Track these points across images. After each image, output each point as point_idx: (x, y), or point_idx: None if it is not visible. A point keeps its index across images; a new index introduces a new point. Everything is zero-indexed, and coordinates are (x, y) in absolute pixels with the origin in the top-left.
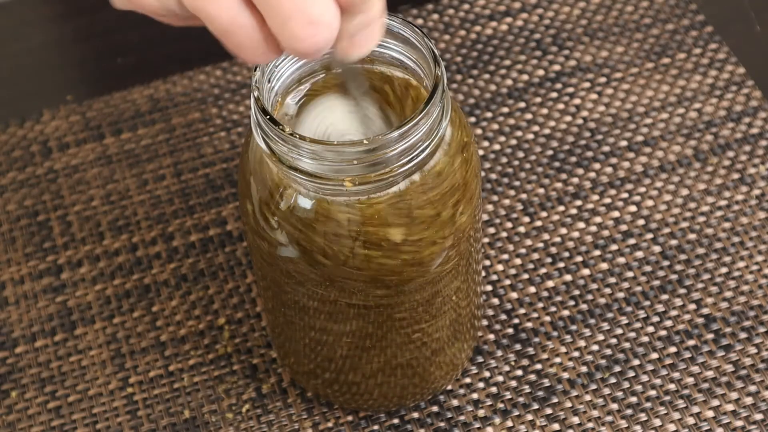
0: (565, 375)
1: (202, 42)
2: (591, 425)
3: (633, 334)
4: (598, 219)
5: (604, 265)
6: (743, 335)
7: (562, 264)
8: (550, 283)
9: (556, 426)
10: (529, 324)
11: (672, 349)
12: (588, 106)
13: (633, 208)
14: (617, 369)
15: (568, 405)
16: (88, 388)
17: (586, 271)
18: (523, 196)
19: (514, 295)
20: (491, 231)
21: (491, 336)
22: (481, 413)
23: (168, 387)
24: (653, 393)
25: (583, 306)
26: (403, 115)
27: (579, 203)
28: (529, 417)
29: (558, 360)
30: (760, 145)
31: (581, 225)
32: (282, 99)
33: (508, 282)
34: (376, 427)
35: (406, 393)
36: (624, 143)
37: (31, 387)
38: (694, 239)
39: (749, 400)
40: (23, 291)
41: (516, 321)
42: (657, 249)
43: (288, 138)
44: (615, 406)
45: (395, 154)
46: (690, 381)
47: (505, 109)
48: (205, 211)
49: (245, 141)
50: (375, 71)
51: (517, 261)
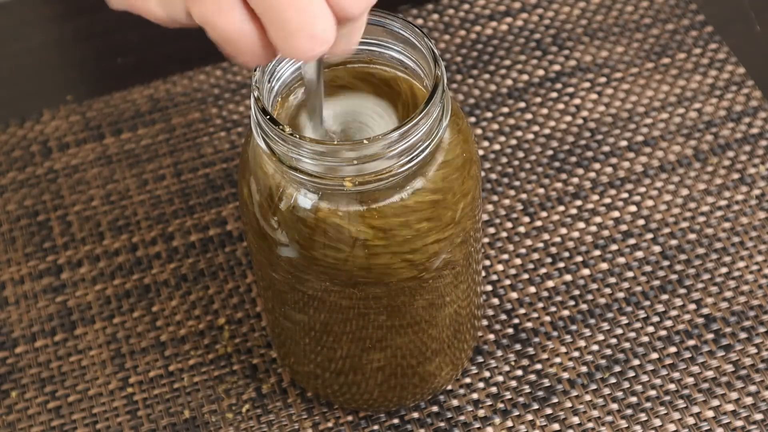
0: (565, 375)
1: (202, 42)
2: (591, 425)
3: (633, 334)
4: (598, 219)
5: (604, 265)
6: (743, 335)
7: (562, 264)
8: (550, 283)
9: (556, 426)
10: (529, 324)
11: (672, 349)
12: (588, 106)
13: (633, 208)
14: (617, 369)
15: (568, 405)
16: (88, 388)
17: (586, 271)
18: (523, 196)
19: (514, 295)
20: (491, 231)
21: (491, 336)
22: (481, 413)
23: (168, 387)
24: (653, 393)
25: (583, 306)
26: (403, 115)
27: (579, 203)
28: (529, 417)
29: (558, 360)
30: (760, 145)
31: (581, 225)
32: (282, 99)
33: (508, 282)
34: (376, 427)
35: (406, 393)
36: (624, 143)
37: (31, 387)
38: (694, 239)
39: (749, 400)
40: (23, 291)
41: (516, 321)
42: (657, 249)
43: (288, 138)
44: (615, 406)
45: (395, 154)
46: (690, 381)
47: (505, 109)
48: (205, 211)
49: (245, 141)
50: (375, 71)
51: (517, 261)
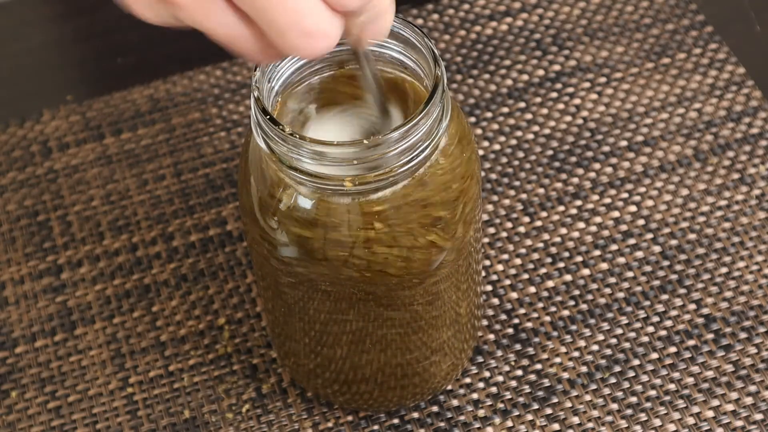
0: (565, 375)
1: (202, 42)
2: (591, 425)
3: (633, 334)
4: (598, 219)
5: (604, 265)
6: (743, 335)
7: (562, 264)
8: (550, 283)
9: (556, 426)
10: (529, 324)
11: (672, 349)
12: (588, 106)
13: (633, 208)
14: (617, 369)
15: (568, 405)
16: (88, 388)
17: (586, 271)
18: (523, 196)
19: (514, 295)
20: (491, 231)
21: (491, 336)
22: (481, 413)
23: (168, 387)
24: (653, 393)
25: (583, 306)
26: (404, 115)
27: (579, 203)
28: (529, 417)
29: (558, 360)
30: (760, 145)
31: (581, 225)
32: (282, 99)
33: (508, 282)
34: (376, 427)
35: (406, 393)
36: (624, 143)
37: (31, 387)
38: (694, 239)
39: (749, 400)
40: (23, 291)
41: (516, 321)
42: (657, 249)
43: (288, 138)
44: (615, 406)
45: (395, 154)
46: (690, 381)
47: (505, 109)
48: (205, 211)
49: (245, 141)
50: (377, 68)
51: (517, 261)
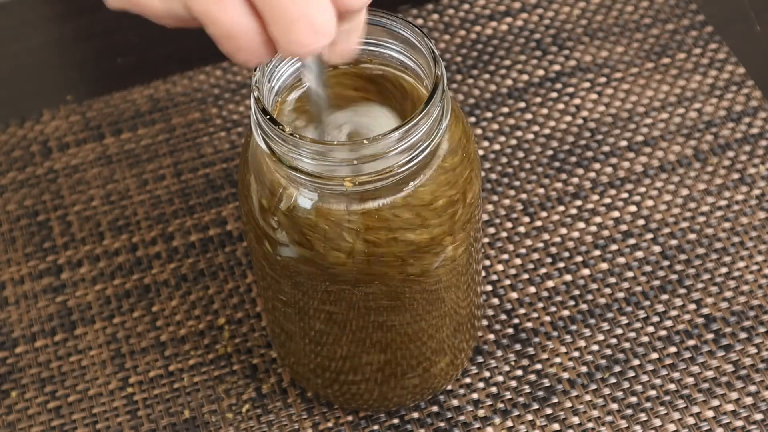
0: (565, 375)
1: (202, 42)
2: (591, 425)
3: (633, 334)
4: (598, 219)
5: (604, 265)
6: (743, 335)
7: (562, 264)
8: (550, 283)
9: (556, 426)
10: (529, 324)
11: (672, 349)
12: (588, 106)
13: (633, 208)
14: (617, 369)
15: (568, 405)
16: (88, 388)
17: (586, 271)
18: (523, 196)
19: (514, 295)
20: (491, 231)
21: (491, 336)
22: (481, 413)
23: (168, 387)
24: (653, 393)
25: (583, 306)
26: (403, 116)
27: (579, 203)
28: (529, 417)
29: (558, 360)
30: (760, 145)
31: (581, 225)
32: (282, 99)
33: (508, 282)
34: (376, 427)
35: (406, 393)
36: (624, 143)
37: (31, 387)
38: (694, 239)
39: (749, 400)
40: (23, 291)
41: (516, 321)
42: (657, 249)
43: (288, 138)
44: (615, 406)
45: (395, 154)
46: (690, 381)
47: (505, 109)
48: (205, 211)
49: (245, 141)
50: (375, 71)
51: (517, 261)
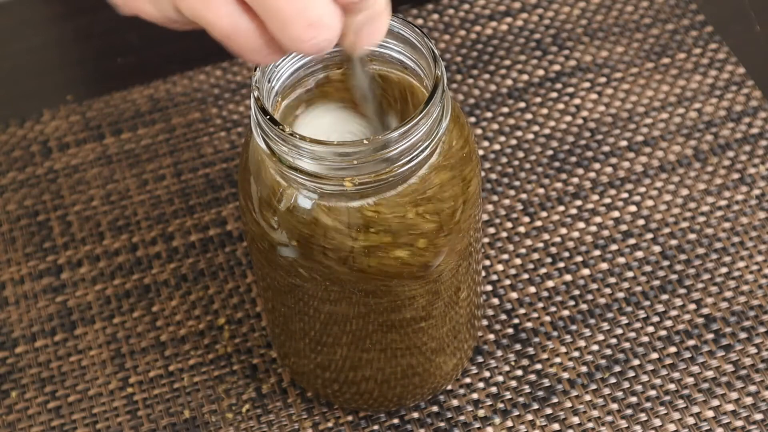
0: (565, 375)
1: (202, 42)
2: (591, 425)
3: (633, 334)
4: (598, 219)
5: (604, 265)
6: (743, 335)
7: (562, 264)
8: (550, 283)
9: (556, 426)
10: (529, 324)
11: (672, 349)
12: (588, 106)
13: (633, 208)
14: (617, 369)
15: (568, 405)
16: (88, 388)
17: (586, 271)
18: (523, 196)
19: (514, 295)
20: (491, 231)
21: (491, 336)
22: (481, 413)
23: (168, 387)
24: (653, 393)
25: (583, 306)
26: (403, 115)
27: (579, 203)
28: (529, 417)
29: (558, 360)
30: (760, 145)
31: (581, 225)
32: (282, 99)
33: (508, 282)
34: (376, 427)
35: (406, 393)
36: (624, 143)
37: (31, 387)
38: (694, 239)
39: (749, 400)
40: (23, 291)
41: (516, 321)
42: (657, 249)
43: (288, 138)
44: (615, 406)
45: (395, 154)
46: (690, 381)
47: (505, 109)
48: (205, 211)
49: (245, 141)
50: (375, 71)
51: (517, 261)
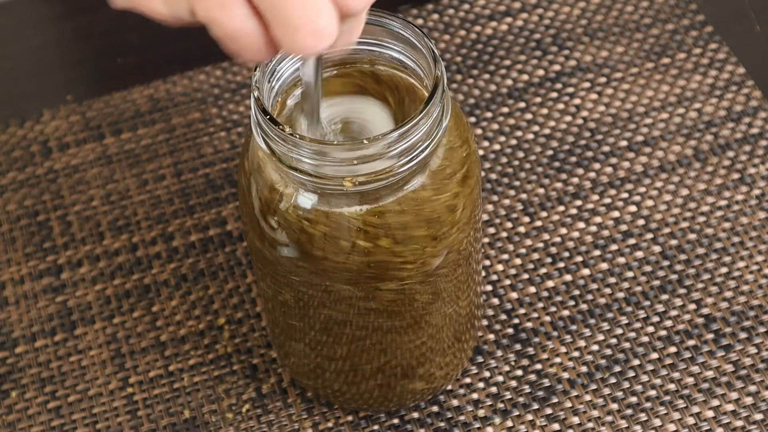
0: (565, 375)
1: (202, 42)
2: (591, 425)
3: (633, 334)
4: (598, 219)
5: (604, 265)
6: (743, 335)
7: (562, 264)
8: (550, 283)
9: (556, 426)
10: (529, 324)
11: (672, 349)
12: (588, 106)
13: (633, 208)
14: (617, 369)
15: (568, 405)
16: (88, 388)
17: (586, 271)
18: (523, 196)
19: (514, 295)
20: (491, 231)
21: (491, 336)
22: (481, 413)
23: (168, 387)
24: (653, 393)
25: (583, 306)
26: (403, 115)
27: (579, 203)
28: (529, 417)
29: (558, 360)
30: (760, 145)
31: (581, 225)
32: (282, 99)
33: (508, 282)
34: (376, 427)
35: (406, 393)
36: (624, 143)
37: (31, 387)
38: (694, 239)
39: (749, 400)
40: (23, 291)
41: (516, 321)
42: (657, 249)
43: (288, 138)
44: (615, 406)
45: (395, 154)
46: (690, 381)
47: (505, 109)
48: (205, 211)
49: (245, 141)
50: (375, 71)
51: (517, 261)
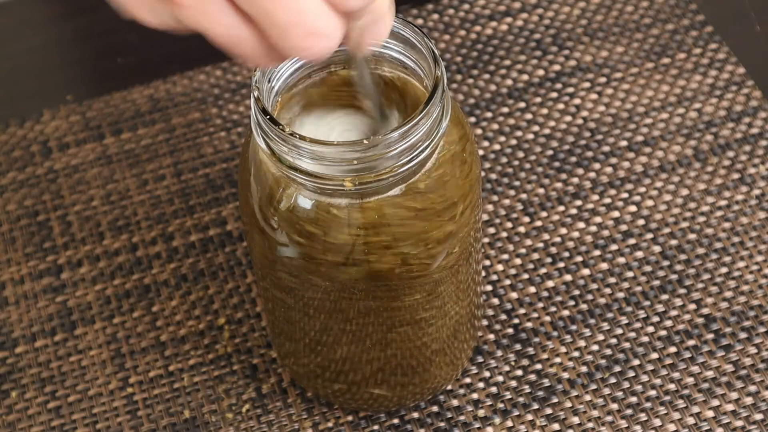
0: (565, 375)
1: (202, 42)
2: (591, 425)
3: (633, 334)
4: (598, 219)
5: (604, 265)
6: (743, 335)
7: (562, 264)
8: (550, 283)
9: (556, 426)
10: (529, 324)
11: (672, 349)
12: (588, 106)
13: (633, 208)
14: (617, 369)
15: (568, 405)
16: (88, 388)
17: (586, 271)
18: (523, 196)
19: (514, 295)
20: (491, 231)
21: (491, 336)
22: (481, 413)
23: (168, 387)
24: (653, 393)
25: (583, 306)
26: (404, 115)
27: (579, 203)
28: (529, 417)
29: (558, 360)
30: (760, 145)
31: (581, 225)
32: (282, 99)
33: (508, 282)
34: (376, 427)
35: (405, 393)
36: (624, 143)
37: (31, 387)
38: (694, 239)
39: (749, 400)
40: (23, 291)
41: (516, 321)
42: (657, 249)
43: (288, 138)
44: (615, 406)
45: (395, 154)
46: (690, 381)
47: (505, 109)
48: (205, 211)
49: (245, 141)
50: (375, 71)
51: (517, 261)
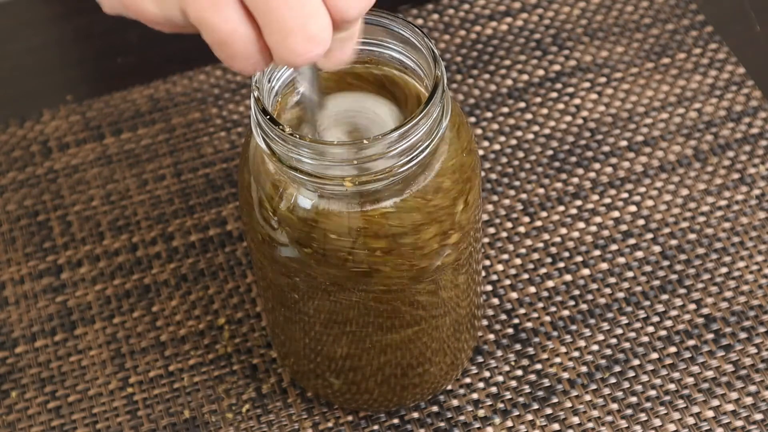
0: (565, 375)
1: (202, 42)
2: (591, 425)
3: (633, 334)
4: (598, 219)
5: (604, 265)
6: (743, 335)
7: (562, 264)
8: (550, 283)
9: (556, 426)
10: (529, 324)
11: (672, 349)
12: (588, 106)
13: (633, 208)
14: (617, 369)
15: (568, 405)
16: (88, 388)
17: (586, 271)
18: (523, 196)
19: (514, 295)
20: (491, 231)
21: (491, 336)
22: (481, 413)
23: (168, 387)
24: (653, 393)
25: (583, 306)
26: (404, 115)
27: (579, 203)
28: (529, 417)
29: (558, 360)
30: (760, 145)
31: (581, 225)
32: (282, 99)
33: (508, 282)
34: (376, 427)
35: (406, 393)
36: (624, 143)
37: (31, 387)
38: (694, 239)
39: (749, 400)
40: (23, 291)
41: (516, 321)
42: (657, 249)
43: (288, 138)
44: (615, 406)
45: (395, 154)
46: (690, 381)
47: (505, 109)
48: (205, 211)
49: (245, 141)
50: (375, 71)
51: (517, 261)
